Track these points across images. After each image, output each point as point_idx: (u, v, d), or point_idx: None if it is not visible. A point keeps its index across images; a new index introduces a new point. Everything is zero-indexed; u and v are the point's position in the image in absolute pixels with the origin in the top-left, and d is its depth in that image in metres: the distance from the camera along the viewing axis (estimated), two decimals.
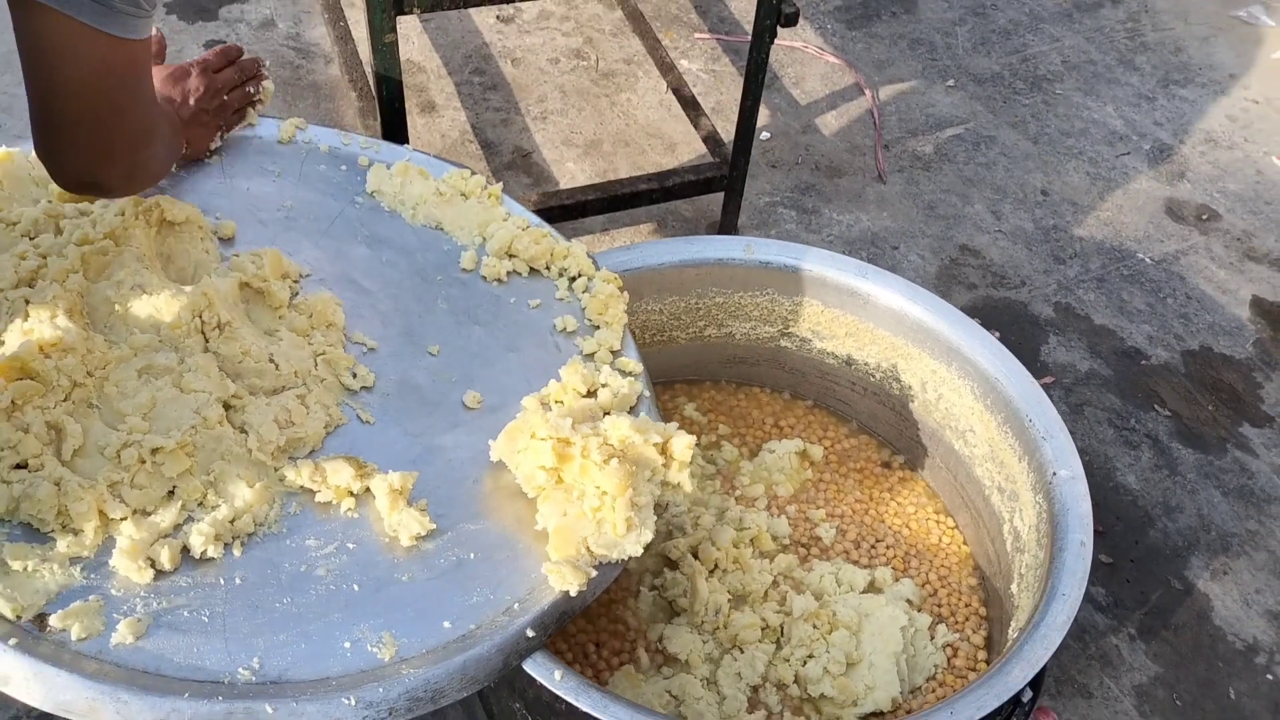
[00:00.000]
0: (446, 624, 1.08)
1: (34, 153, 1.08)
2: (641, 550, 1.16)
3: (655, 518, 1.18)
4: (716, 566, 1.48)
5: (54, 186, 1.29)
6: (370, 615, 1.08)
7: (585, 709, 1.10)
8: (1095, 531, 1.81)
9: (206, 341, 1.22)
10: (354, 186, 1.49)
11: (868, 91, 2.70)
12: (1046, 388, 2.07)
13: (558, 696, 1.12)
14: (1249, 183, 2.58)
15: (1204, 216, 2.48)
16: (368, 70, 2.05)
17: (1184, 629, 1.73)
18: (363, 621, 1.07)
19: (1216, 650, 1.71)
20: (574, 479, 1.15)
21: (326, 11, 2.51)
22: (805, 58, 2.81)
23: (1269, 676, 1.68)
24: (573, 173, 2.43)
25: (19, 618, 1.00)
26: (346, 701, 1.00)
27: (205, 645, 1.02)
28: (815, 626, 1.43)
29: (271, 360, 1.23)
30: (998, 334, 2.17)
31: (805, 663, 1.39)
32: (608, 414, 1.24)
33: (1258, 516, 1.90)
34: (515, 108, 2.57)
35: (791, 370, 1.78)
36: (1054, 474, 1.39)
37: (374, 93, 1.79)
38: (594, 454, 1.14)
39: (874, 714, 1.39)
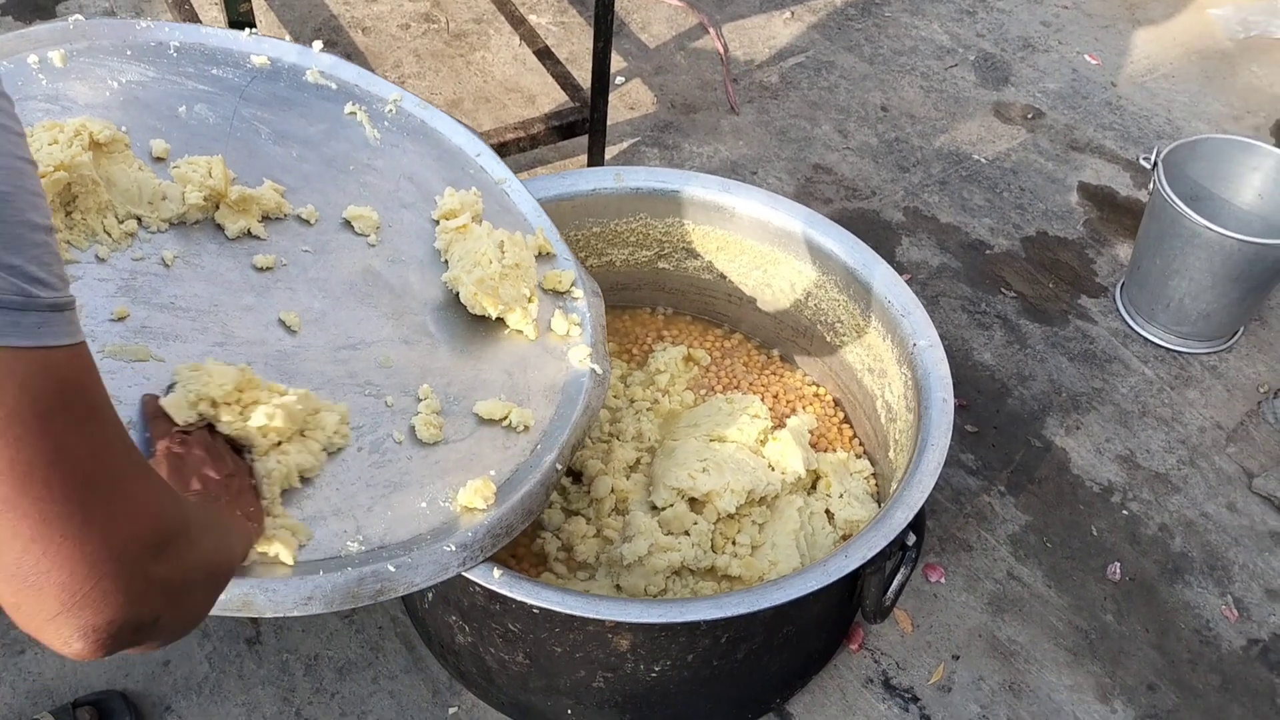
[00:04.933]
0: (492, 472, 1.26)
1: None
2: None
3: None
4: (628, 467, 1.59)
5: None
6: (433, 478, 1.23)
7: (520, 598, 1.20)
8: (959, 405, 2.00)
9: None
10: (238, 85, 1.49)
11: (712, 30, 2.82)
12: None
13: (494, 594, 1.22)
14: (1066, 81, 2.80)
15: (1029, 116, 2.69)
16: None
17: (1046, 481, 1.92)
18: (429, 484, 1.23)
19: (1077, 495, 1.90)
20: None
21: None
22: (649, 3, 2.91)
23: (1124, 512, 1.88)
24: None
25: None
26: (448, 548, 1.16)
27: (309, 533, 1.12)
28: (722, 530, 1.55)
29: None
30: None
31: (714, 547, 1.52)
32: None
33: (1101, 375, 2.10)
34: None
35: (671, 290, 1.89)
36: (914, 345, 1.54)
37: None
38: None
39: None
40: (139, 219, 1.25)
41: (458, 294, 1.41)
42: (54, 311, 0.63)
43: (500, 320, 1.43)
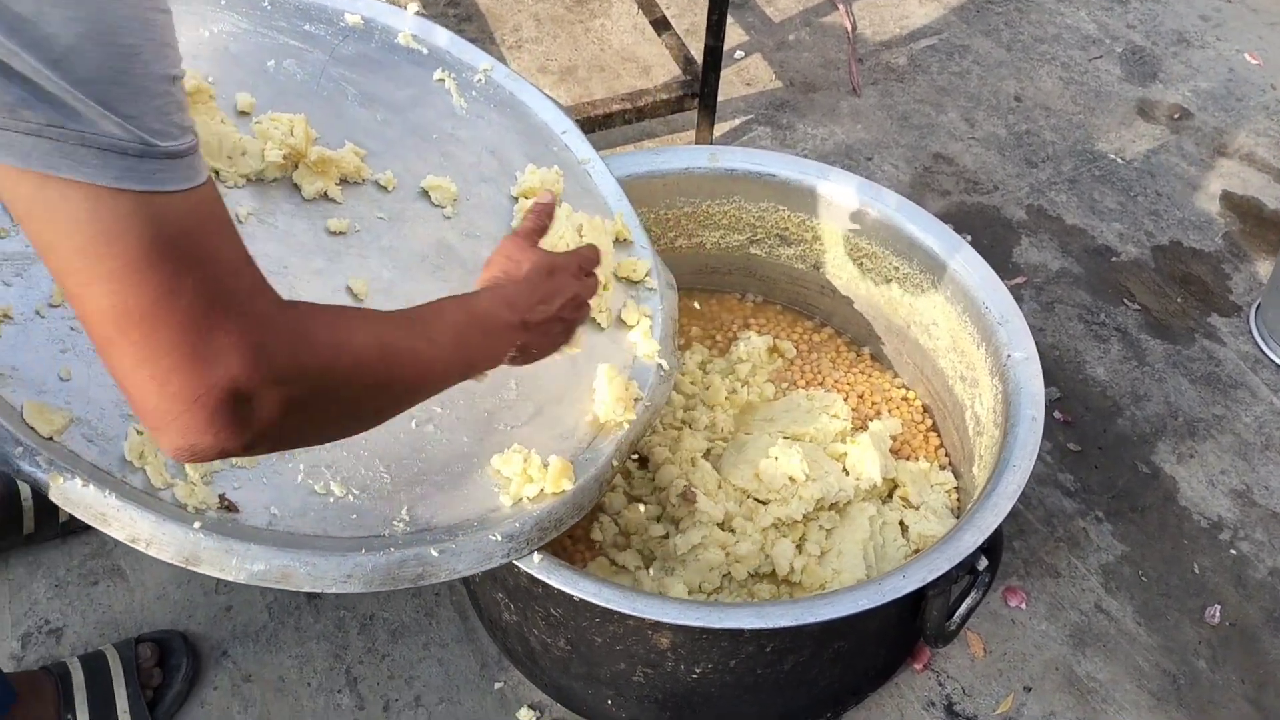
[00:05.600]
0: (554, 457, 1.22)
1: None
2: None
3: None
4: (689, 462, 1.54)
5: None
6: (484, 463, 1.20)
7: (557, 585, 1.17)
8: (1063, 421, 1.88)
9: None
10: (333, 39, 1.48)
11: (841, 6, 2.71)
12: (1019, 288, 2.12)
13: (535, 579, 1.19)
14: (1221, 80, 2.60)
15: (1176, 115, 2.50)
16: None
17: (1150, 510, 1.79)
18: (480, 469, 1.19)
19: (1182, 529, 1.77)
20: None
21: None
22: None
23: (1232, 551, 1.74)
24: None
25: (204, 505, 1.04)
26: (494, 538, 1.13)
27: (356, 508, 1.11)
28: (783, 531, 1.49)
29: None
30: (969, 238, 2.21)
31: (775, 545, 1.46)
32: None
33: (1224, 401, 1.95)
34: (490, 38, 2.59)
35: (762, 278, 1.83)
36: (1009, 356, 1.44)
37: None
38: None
39: None
40: (216, 172, 1.25)
41: None
42: (170, 159, 0.66)
43: None
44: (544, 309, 1.07)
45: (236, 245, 0.73)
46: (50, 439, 0.99)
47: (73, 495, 0.96)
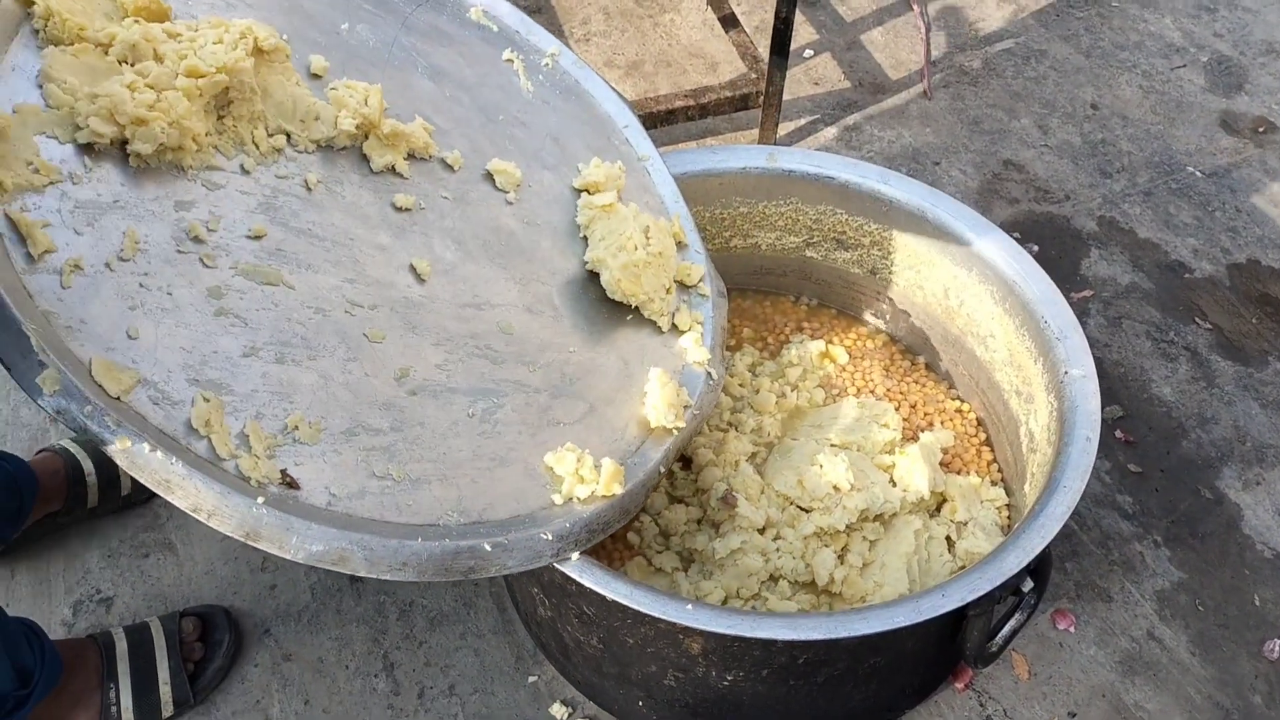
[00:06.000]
0: (606, 460, 1.22)
1: None
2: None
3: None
4: (733, 465, 1.52)
5: (126, 1, 1.16)
6: (537, 459, 1.20)
7: (590, 585, 1.16)
8: (1124, 441, 1.82)
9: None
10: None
11: (916, 7, 2.66)
12: (1085, 301, 2.06)
13: (569, 577, 1.18)
14: None
15: (1261, 129, 2.41)
16: None
17: (1210, 537, 1.73)
18: (533, 464, 1.20)
19: (1244, 558, 1.71)
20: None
21: None
22: None
23: None
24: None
25: (266, 479, 1.02)
26: (544, 536, 1.13)
27: (413, 494, 1.10)
28: (825, 540, 1.46)
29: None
30: (1036, 248, 2.15)
31: (816, 555, 1.43)
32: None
33: None
34: (559, 30, 2.59)
35: (817, 281, 1.80)
36: (1066, 373, 1.40)
37: None
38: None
39: None
40: (288, 135, 1.24)
41: (596, 274, 1.38)
42: None
43: (625, 305, 1.39)
44: None
45: None
46: (118, 399, 0.96)
47: (139, 460, 0.94)
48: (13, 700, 1.26)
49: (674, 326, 1.42)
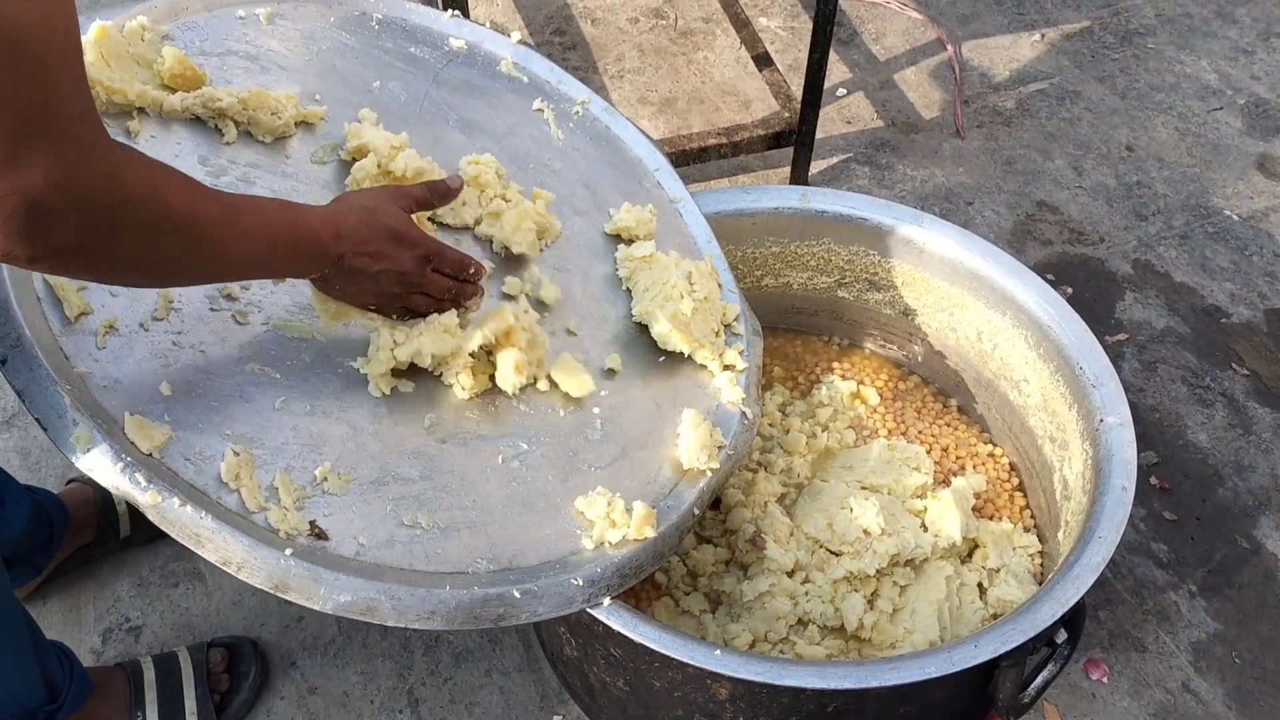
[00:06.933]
0: (638, 503, 1.21)
1: None
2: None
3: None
4: (761, 506, 1.51)
5: (159, 65, 1.20)
6: (568, 504, 1.19)
7: (616, 627, 1.16)
8: (1159, 488, 1.80)
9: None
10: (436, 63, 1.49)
11: (950, 46, 2.67)
12: (1120, 345, 2.05)
13: (596, 618, 1.18)
14: None
15: None
16: None
17: (1248, 588, 1.70)
18: (563, 509, 1.19)
19: None
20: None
21: None
22: (887, 13, 2.78)
23: None
24: (646, 131, 2.46)
25: (294, 530, 1.04)
26: (575, 582, 1.12)
27: (442, 542, 1.10)
28: (855, 585, 1.45)
29: None
30: (1070, 290, 2.14)
31: (846, 599, 1.42)
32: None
33: None
34: (594, 66, 2.61)
35: (849, 321, 1.80)
36: (1101, 420, 1.38)
37: None
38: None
39: None
40: None
41: (638, 323, 1.39)
42: None
43: (656, 347, 1.39)
44: (366, 261, 1.09)
45: (76, 70, 0.75)
46: (150, 455, 0.99)
47: (169, 514, 0.97)
48: (42, 715, 1.27)
49: (726, 368, 1.41)
